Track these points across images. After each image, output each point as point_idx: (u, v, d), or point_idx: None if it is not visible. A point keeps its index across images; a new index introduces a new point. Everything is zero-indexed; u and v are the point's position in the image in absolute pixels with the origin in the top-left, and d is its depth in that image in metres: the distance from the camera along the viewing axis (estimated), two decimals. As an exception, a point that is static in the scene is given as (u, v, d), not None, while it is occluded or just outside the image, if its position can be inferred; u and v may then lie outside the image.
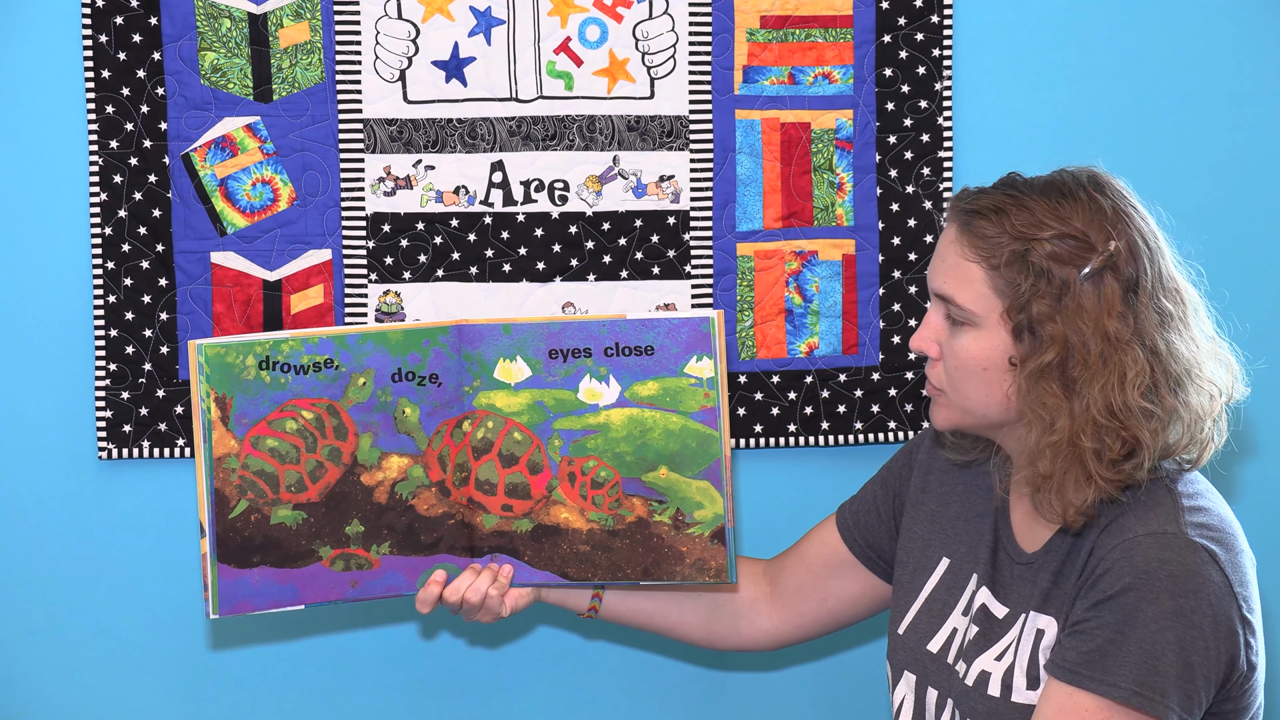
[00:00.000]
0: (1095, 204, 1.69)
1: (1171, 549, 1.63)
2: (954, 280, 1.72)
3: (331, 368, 1.88)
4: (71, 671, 2.31)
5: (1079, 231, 1.67)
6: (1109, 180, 1.73)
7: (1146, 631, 1.61)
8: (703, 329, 1.88)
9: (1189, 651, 1.61)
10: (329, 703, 2.37)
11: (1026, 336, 1.68)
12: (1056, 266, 1.67)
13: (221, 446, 1.85)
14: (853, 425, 2.37)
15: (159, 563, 2.30)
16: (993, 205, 1.71)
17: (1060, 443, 1.66)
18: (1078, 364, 1.66)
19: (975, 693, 1.74)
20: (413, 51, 2.26)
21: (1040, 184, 1.72)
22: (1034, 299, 1.67)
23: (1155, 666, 1.61)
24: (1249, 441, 2.43)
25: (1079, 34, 2.38)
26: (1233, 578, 1.65)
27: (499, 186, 2.29)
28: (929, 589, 1.86)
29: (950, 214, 1.76)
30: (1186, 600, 1.61)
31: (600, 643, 2.41)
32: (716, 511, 1.91)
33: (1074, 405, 1.66)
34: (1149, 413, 1.65)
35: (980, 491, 1.87)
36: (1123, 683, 1.61)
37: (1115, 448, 1.65)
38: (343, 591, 1.91)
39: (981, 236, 1.70)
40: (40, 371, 2.26)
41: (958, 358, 1.73)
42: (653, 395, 1.90)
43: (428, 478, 1.91)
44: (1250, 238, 2.42)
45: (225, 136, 2.24)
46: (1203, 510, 1.68)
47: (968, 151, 2.36)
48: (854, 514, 2.02)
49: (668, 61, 2.30)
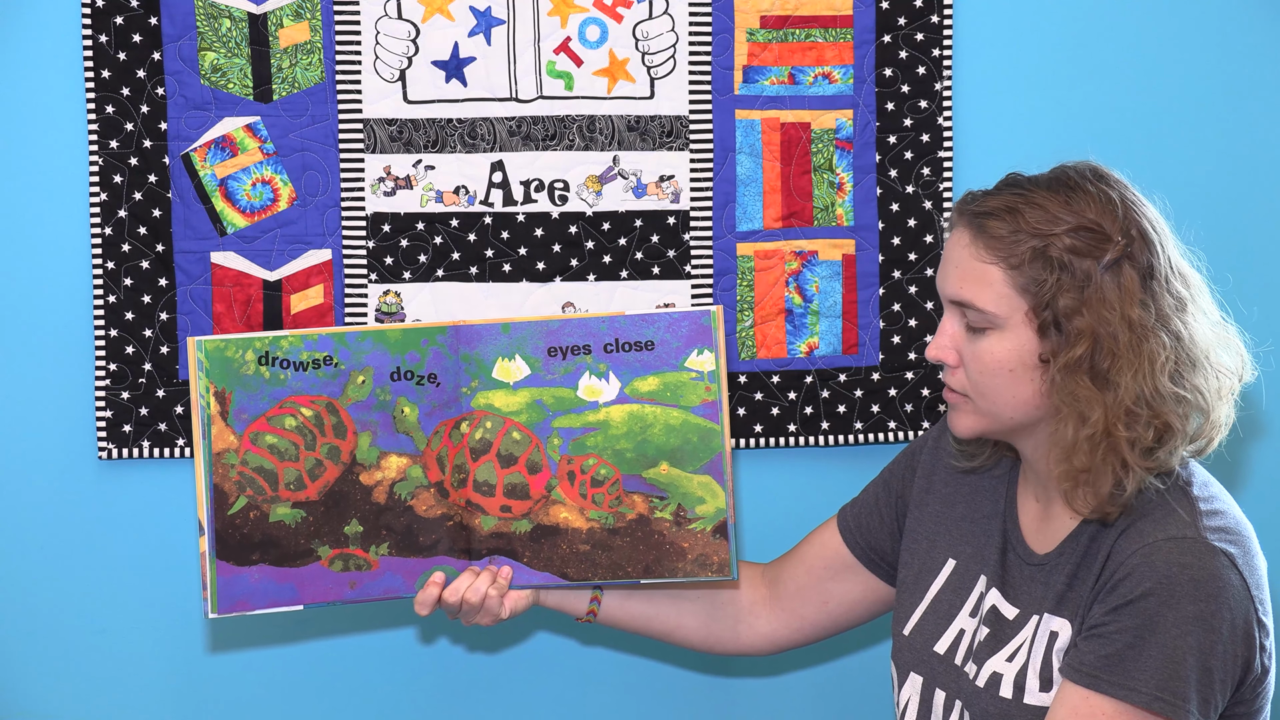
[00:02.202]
0: (1104, 195, 1.69)
1: (1192, 553, 1.63)
2: (971, 284, 1.72)
3: (331, 365, 1.88)
4: (71, 671, 2.31)
5: (1093, 223, 1.67)
6: (1109, 172, 1.74)
7: (1167, 637, 1.61)
8: (703, 322, 1.88)
9: (1208, 656, 1.61)
10: (328, 706, 2.37)
11: (1053, 332, 1.68)
12: (1076, 259, 1.67)
13: (220, 442, 1.85)
14: (853, 425, 2.37)
15: (159, 563, 2.30)
16: (1004, 205, 1.71)
17: (1096, 435, 1.66)
18: (1106, 355, 1.66)
19: (987, 694, 1.74)
20: (413, 51, 2.26)
21: (1045, 180, 1.72)
22: (1059, 294, 1.66)
23: (1176, 671, 1.60)
24: (1256, 425, 2.43)
25: (1079, 34, 2.37)
26: (1250, 581, 1.65)
27: (499, 186, 2.29)
28: (935, 590, 1.86)
29: (957, 218, 1.75)
30: (1207, 605, 1.61)
31: (599, 649, 2.41)
32: (719, 506, 1.90)
33: (1107, 396, 1.66)
34: (1179, 397, 1.66)
35: (986, 493, 1.86)
36: (1143, 688, 1.61)
37: (1148, 436, 1.66)
38: (341, 592, 1.90)
39: (997, 237, 1.70)
40: (40, 371, 2.26)
41: (982, 361, 1.72)
42: (653, 391, 1.90)
43: (426, 478, 1.91)
44: (1252, 229, 2.42)
45: (225, 136, 2.24)
46: (1219, 514, 1.68)
47: (968, 151, 2.36)
48: (855, 516, 2.01)
49: (668, 61, 2.30)
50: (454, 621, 2.04)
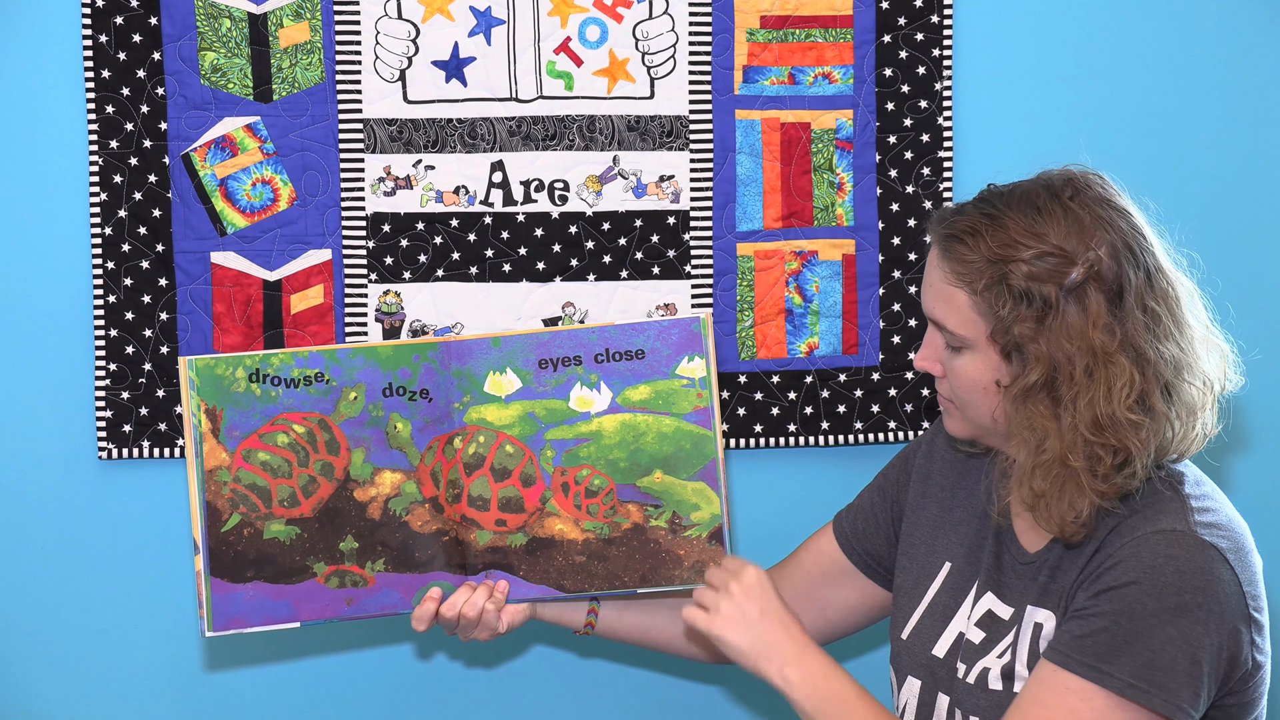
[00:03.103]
0: (1070, 214, 1.67)
1: (1180, 546, 1.63)
2: (941, 305, 1.72)
3: (322, 381, 1.87)
4: (71, 672, 2.31)
5: (1055, 248, 1.65)
6: (1086, 183, 1.70)
7: (1147, 626, 1.60)
8: (693, 329, 1.88)
9: (1195, 649, 1.61)
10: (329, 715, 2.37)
11: (1015, 357, 1.68)
12: (1036, 285, 1.65)
13: (213, 459, 1.84)
14: (853, 425, 2.37)
15: (159, 563, 2.30)
16: (969, 227, 1.69)
17: (1051, 462, 1.66)
18: (1064, 381, 1.65)
19: (978, 689, 1.74)
20: (413, 51, 2.26)
21: (1016, 197, 1.70)
22: (1016, 322, 1.65)
23: (1154, 661, 1.60)
24: (1243, 434, 2.43)
25: (1078, 34, 2.37)
26: (1243, 576, 1.65)
27: (499, 186, 2.29)
28: (932, 594, 1.86)
29: (932, 236, 1.75)
30: (1193, 597, 1.61)
31: (597, 660, 2.40)
32: (714, 512, 1.90)
33: (1062, 424, 1.65)
34: (1136, 424, 1.64)
35: (981, 495, 1.87)
36: (1118, 674, 1.61)
37: (1107, 461, 1.65)
38: (338, 609, 1.89)
39: (961, 261, 1.69)
40: (40, 371, 2.26)
41: (957, 377, 1.74)
42: (645, 399, 1.89)
43: (421, 494, 1.91)
44: (1247, 235, 2.42)
45: (225, 136, 2.24)
46: (1211, 511, 1.68)
47: (968, 151, 2.36)
48: (851, 522, 2.01)
49: (668, 61, 2.30)
50: (451, 637, 2.03)
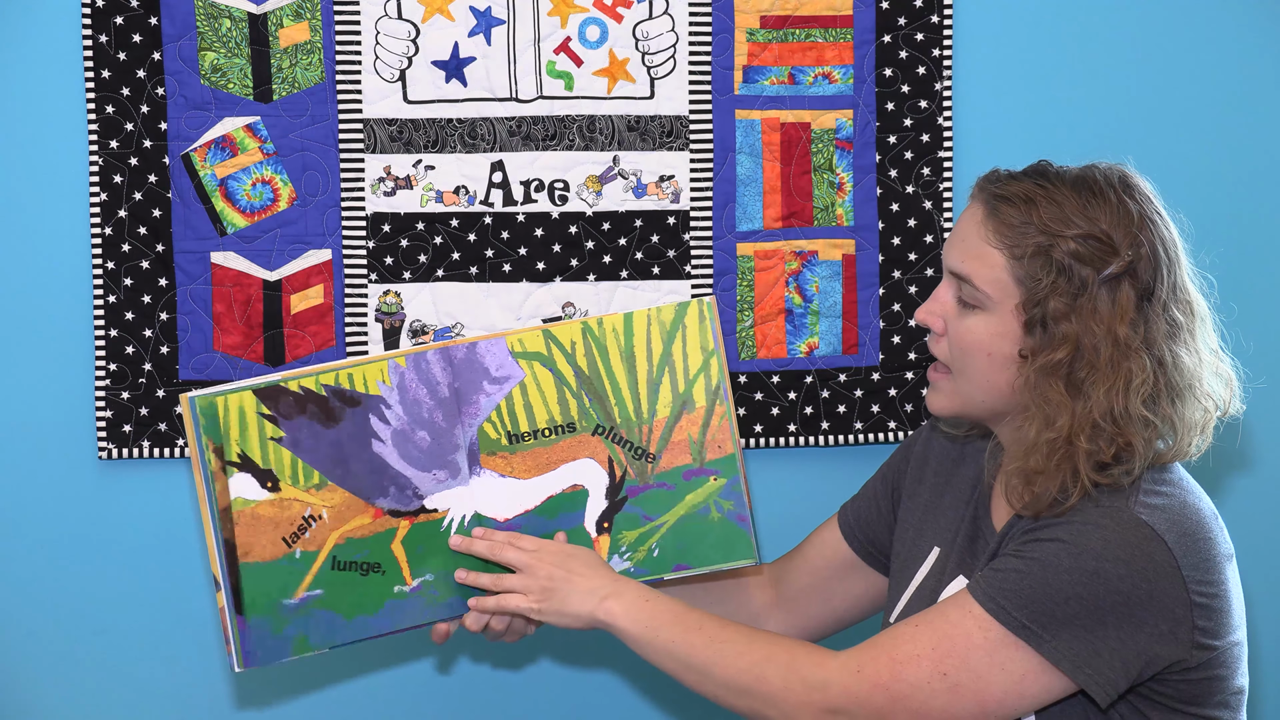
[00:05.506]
0: (1124, 207, 1.69)
1: (1113, 519, 1.64)
2: (973, 261, 1.72)
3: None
4: (71, 672, 2.31)
5: (1104, 234, 1.67)
6: (1138, 183, 1.73)
7: (1058, 579, 1.61)
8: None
9: (1102, 612, 1.60)
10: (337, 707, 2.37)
11: (1038, 331, 1.69)
12: (1078, 265, 1.67)
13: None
14: (853, 425, 2.37)
15: (159, 562, 2.30)
16: (1023, 193, 1.71)
17: (1058, 440, 1.67)
18: (1085, 365, 1.66)
19: None
20: (413, 51, 2.26)
21: (1071, 178, 1.72)
22: (1052, 295, 1.67)
23: (1054, 612, 1.60)
24: (1245, 457, 2.43)
25: (1078, 34, 2.38)
26: (1183, 560, 1.63)
27: (499, 186, 2.29)
28: (919, 578, 1.87)
29: (977, 194, 1.75)
30: (1114, 567, 1.61)
31: (612, 661, 2.40)
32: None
33: (1076, 405, 1.67)
34: (1147, 421, 1.66)
35: (969, 480, 1.87)
36: (1015, 611, 1.61)
37: (1108, 452, 1.66)
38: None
39: (1008, 224, 1.70)
40: (40, 371, 2.26)
41: (963, 338, 1.74)
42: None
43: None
44: (1247, 234, 2.42)
45: (225, 136, 2.24)
46: (1162, 495, 1.68)
47: (968, 151, 2.36)
48: (855, 512, 2.02)
49: (668, 61, 2.30)
50: (473, 640, 2.02)
